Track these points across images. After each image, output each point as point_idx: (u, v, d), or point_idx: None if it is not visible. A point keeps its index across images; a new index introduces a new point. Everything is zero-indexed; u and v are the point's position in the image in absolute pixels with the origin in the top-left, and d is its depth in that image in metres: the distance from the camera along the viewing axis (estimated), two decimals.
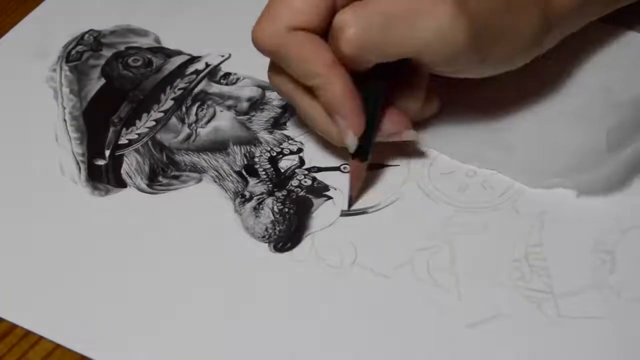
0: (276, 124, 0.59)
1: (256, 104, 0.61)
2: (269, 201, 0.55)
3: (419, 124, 0.56)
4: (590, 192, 0.53)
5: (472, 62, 0.51)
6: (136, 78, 0.63)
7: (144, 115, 0.61)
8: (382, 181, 0.56)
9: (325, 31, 0.52)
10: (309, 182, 0.56)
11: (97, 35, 0.66)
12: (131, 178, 0.57)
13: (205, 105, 0.61)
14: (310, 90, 0.53)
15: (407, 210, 0.54)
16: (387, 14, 0.49)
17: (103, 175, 0.58)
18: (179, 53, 0.64)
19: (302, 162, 0.57)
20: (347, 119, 0.52)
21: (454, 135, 0.56)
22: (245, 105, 0.61)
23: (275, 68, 0.54)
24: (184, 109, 0.61)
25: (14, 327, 0.51)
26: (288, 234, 0.54)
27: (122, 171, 0.58)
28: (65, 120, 0.61)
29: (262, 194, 0.56)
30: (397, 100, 0.54)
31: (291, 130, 0.59)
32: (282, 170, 0.57)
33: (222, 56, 0.64)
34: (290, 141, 0.58)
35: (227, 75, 0.63)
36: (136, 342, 0.50)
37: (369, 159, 0.54)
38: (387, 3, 0.50)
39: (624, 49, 0.60)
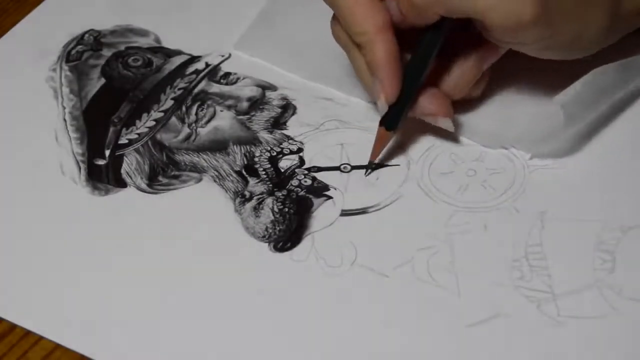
0: (276, 123, 0.59)
1: (256, 104, 0.61)
2: (269, 201, 0.55)
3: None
4: (542, 156, 0.55)
5: (538, 35, 0.51)
6: (136, 78, 0.63)
7: (144, 115, 0.61)
8: (382, 181, 0.56)
9: None
10: (309, 181, 0.56)
11: (97, 35, 0.66)
12: (131, 178, 0.57)
13: (205, 105, 0.61)
14: (357, 45, 0.54)
15: (407, 210, 0.54)
16: None
17: (103, 175, 0.58)
18: (179, 53, 0.64)
19: (302, 161, 0.57)
20: (383, 83, 0.53)
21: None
22: (245, 105, 0.61)
23: (335, 19, 0.55)
24: (184, 108, 0.61)
25: (14, 327, 0.51)
26: (288, 233, 0.54)
27: (122, 171, 0.58)
28: (65, 120, 0.61)
29: (262, 193, 0.56)
30: (446, 76, 0.55)
31: (291, 130, 0.59)
32: (282, 170, 0.57)
33: (222, 56, 0.64)
34: (290, 141, 0.58)
35: (227, 75, 0.63)
36: (136, 342, 0.50)
37: (397, 129, 0.55)
38: None
39: None
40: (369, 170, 0.56)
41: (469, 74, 0.55)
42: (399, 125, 0.55)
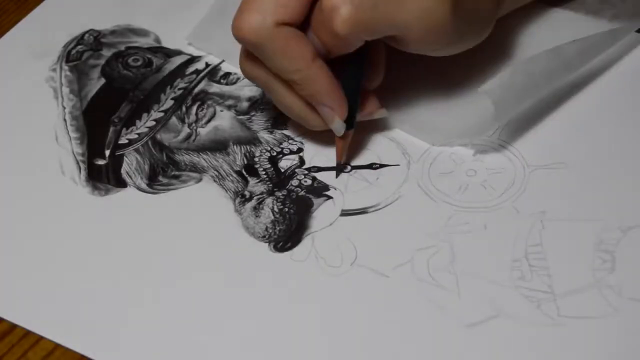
0: (276, 123, 0.59)
1: (256, 104, 0.61)
2: (269, 201, 0.55)
3: None
4: (483, 152, 0.56)
5: (451, 39, 0.53)
6: (136, 78, 0.63)
7: (144, 115, 0.61)
8: (382, 181, 0.56)
9: (303, 24, 0.52)
10: (309, 181, 0.56)
11: (97, 35, 0.66)
12: (131, 178, 0.57)
13: (205, 105, 0.61)
14: (288, 82, 0.53)
15: (407, 210, 0.54)
16: None
17: (103, 175, 0.58)
18: (179, 53, 0.64)
19: (302, 161, 0.57)
20: (334, 108, 0.54)
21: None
22: (245, 105, 0.61)
23: (252, 58, 0.54)
24: (184, 108, 0.61)
25: (14, 327, 0.51)
26: (288, 233, 0.54)
27: (122, 171, 0.58)
28: (65, 120, 0.61)
29: (262, 193, 0.56)
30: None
31: (291, 130, 0.59)
32: (282, 170, 0.57)
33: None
34: (290, 141, 0.58)
35: (227, 75, 0.63)
36: (136, 342, 0.50)
37: (354, 128, 0.56)
38: None
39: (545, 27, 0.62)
40: (340, 173, 0.56)
41: (381, 70, 0.56)
42: (356, 124, 0.56)
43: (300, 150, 0.58)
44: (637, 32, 0.61)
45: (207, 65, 0.63)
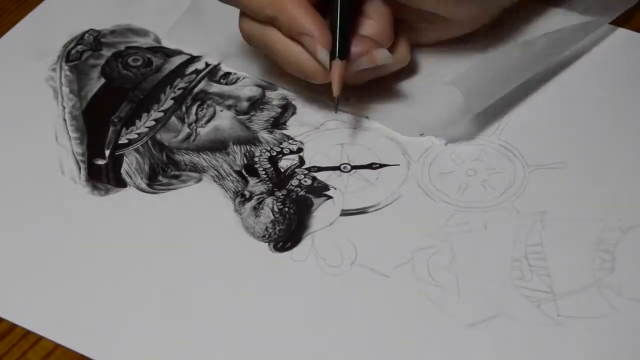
0: (276, 123, 0.59)
1: (256, 104, 0.61)
2: (269, 201, 0.55)
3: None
4: (455, 141, 0.57)
5: (472, 13, 0.54)
6: (136, 78, 0.63)
7: (144, 114, 0.61)
8: (382, 181, 0.56)
9: None
10: (309, 181, 0.56)
11: (97, 34, 0.66)
12: (131, 178, 0.57)
13: (205, 105, 0.61)
14: (276, 28, 0.54)
15: (407, 210, 0.54)
16: None
17: (103, 174, 0.58)
18: (178, 53, 0.64)
19: (302, 161, 0.57)
20: (315, 35, 0.53)
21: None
22: (245, 104, 0.61)
23: (245, 18, 0.55)
24: (184, 108, 0.61)
25: (14, 327, 0.51)
26: (288, 233, 0.54)
27: (122, 171, 0.58)
28: (65, 119, 0.60)
29: (262, 193, 0.56)
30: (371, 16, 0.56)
31: (291, 130, 0.59)
32: (282, 170, 0.57)
33: (222, 55, 0.64)
34: (290, 141, 0.58)
35: (227, 74, 0.63)
36: (136, 342, 0.50)
37: (347, 58, 0.54)
38: None
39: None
40: (337, 108, 0.56)
41: (388, 17, 0.56)
42: (348, 52, 0.55)
43: (300, 150, 0.58)
44: (611, 24, 0.62)
45: (207, 65, 0.63)
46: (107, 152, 0.59)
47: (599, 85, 0.59)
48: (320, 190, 0.56)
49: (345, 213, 0.54)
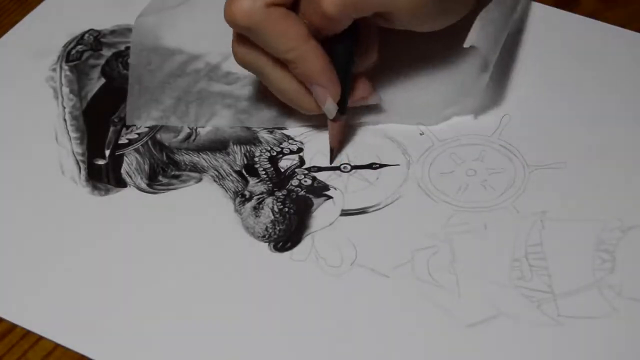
0: (276, 123, 0.59)
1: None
2: (269, 201, 0.55)
3: None
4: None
5: (435, 14, 0.54)
6: None
7: None
8: (382, 181, 0.56)
9: (294, 5, 0.53)
10: (309, 181, 0.56)
11: (97, 34, 0.66)
12: (131, 178, 0.57)
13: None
14: (281, 63, 0.54)
15: (407, 210, 0.54)
16: None
17: (103, 174, 0.58)
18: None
19: (302, 161, 0.57)
20: (327, 87, 0.54)
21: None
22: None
23: (244, 42, 0.54)
24: None
25: (14, 327, 0.51)
26: (288, 233, 0.54)
27: (122, 171, 0.58)
28: (65, 119, 0.61)
29: (262, 193, 0.56)
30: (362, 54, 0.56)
31: (291, 130, 0.59)
32: (282, 170, 0.57)
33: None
34: (290, 141, 0.58)
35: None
36: (136, 342, 0.50)
37: (346, 114, 0.56)
38: None
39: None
40: (334, 158, 0.57)
41: (373, 50, 0.57)
42: (346, 110, 0.56)
43: (300, 150, 0.58)
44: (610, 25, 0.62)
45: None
46: (107, 152, 0.59)
47: (599, 85, 0.59)
48: (320, 190, 0.56)
49: (345, 213, 0.54)
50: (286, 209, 0.55)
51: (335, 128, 0.56)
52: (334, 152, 0.57)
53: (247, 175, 0.57)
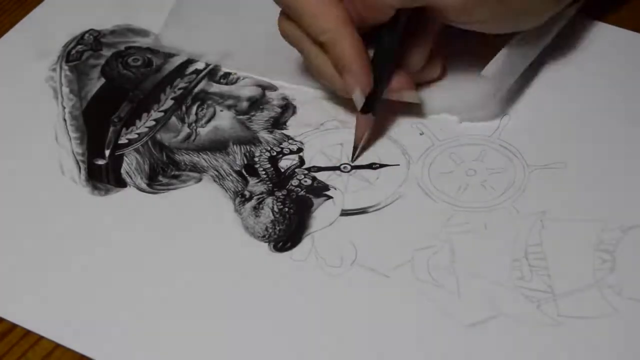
0: (276, 123, 0.59)
1: (256, 104, 0.61)
2: (269, 201, 0.55)
3: None
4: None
5: (498, 12, 0.53)
6: (136, 78, 0.63)
7: (144, 114, 0.61)
8: (382, 181, 0.56)
9: None
10: (309, 181, 0.56)
11: (97, 35, 0.66)
12: (131, 178, 0.57)
13: (205, 105, 0.61)
14: (318, 43, 0.54)
15: (407, 210, 0.54)
16: None
17: (103, 174, 0.58)
18: (179, 52, 0.64)
19: (302, 161, 0.57)
20: (356, 76, 0.54)
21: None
22: (245, 104, 0.61)
23: (288, 18, 0.55)
24: (184, 108, 0.61)
25: (14, 327, 0.51)
26: (288, 233, 0.54)
27: (122, 171, 0.58)
28: (65, 119, 0.61)
29: (262, 193, 0.56)
30: (403, 56, 0.56)
31: (291, 130, 0.59)
32: (282, 170, 0.57)
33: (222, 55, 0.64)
34: (290, 141, 0.58)
35: (227, 74, 0.63)
36: (136, 342, 0.50)
37: (376, 114, 0.55)
38: None
39: None
40: (356, 156, 0.57)
41: (423, 50, 0.56)
42: (377, 109, 0.56)
43: (300, 150, 0.58)
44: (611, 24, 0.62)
45: (207, 65, 0.63)
46: (107, 152, 0.59)
47: (599, 85, 0.59)
48: (320, 190, 0.56)
49: (345, 213, 0.54)
50: (286, 209, 0.55)
51: (361, 124, 0.56)
52: (356, 150, 0.57)
53: (247, 175, 0.57)
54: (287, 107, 0.60)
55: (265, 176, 0.57)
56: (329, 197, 0.55)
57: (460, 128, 0.58)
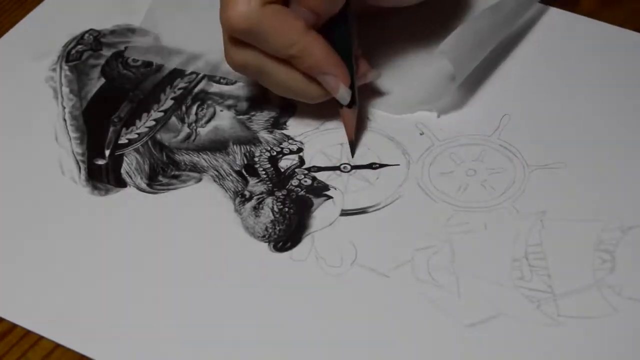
0: (276, 123, 0.59)
1: (256, 104, 0.61)
2: (269, 201, 0.55)
3: None
4: (445, 111, 0.58)
5: None
6: (136, 78, 0.63)
7: (144, 114, 0.61)
8: (382, 181, 0.56)
9: (285, 1, 0.53)
10: (309, 181, 0.56)
11: (97, 34, 0.66)
12: (131, 178, 0.57)
13: (205, 105, 0.61)
14: (282, 60, 0.54)
15: (407, 210, 0.54)
16: None
17: (103, 174, 0.58)
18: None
19: (302, 161, 0.57)
20: (337, 74, 0.54)
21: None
22: (245, 104, 0.61)
23: (240, 45, 0.54)
24: (183, 108, 0.61)
25: (14, 327, 0.51)
26: (288, 233, 0.54)
27: (122, 171, 0.58)
28: (65, 119, 0.61)
29: (262, 193, 0.56)
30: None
31: (291, 130, 0.59)
32: (282, 170, 0.57)
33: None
34: (290, 141, 0.58)
35: (227, 74, 0.62)
36: (136, 342, 0.50)
37: (358, 102, 0.56)
38: None
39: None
40: (355, 150, 0.57)
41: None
42: (358, 99, 0.57)
43: (300, 150, 0.58)
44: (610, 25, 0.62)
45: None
46: (107, 152, 0.59)
47: (599, 85, 0.59)
48: (320, 190, 0.56)
49: (345, 213, 0.54)
50: (286, 209, 0.55)
51: (350, 118, 0.56)
52: (353, 145, 0.57)
53: (247, 175, 0.57)
54: (287, 107, 0.60)
55: (265, 176, 0.57)
56: (329, 197, 0.55)
57: (460, 127, 0.58)
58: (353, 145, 0.57)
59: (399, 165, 0.56)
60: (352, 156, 0.57)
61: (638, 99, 0.59)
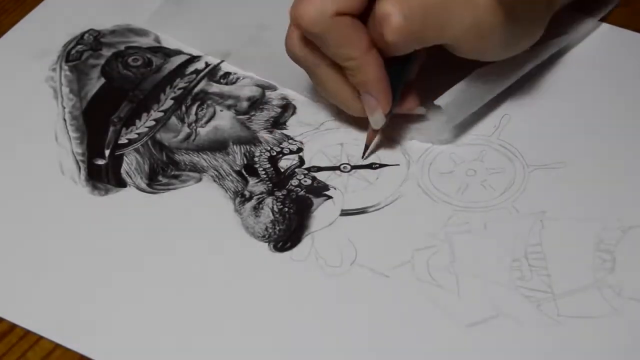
0: (276, 123, 0.59)
1: (256, 104, 0.61)
2: (269, 201, 0.55)
3: None
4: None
5: (503, 45, 0.54)
6: (136, 78, 0.63)
7: (144, 114, 0.61)
8: (382, 181, 0.56)
9: (362, 13, 0.53)
10: (309, 181, 0.56)
11: (97, 34, 0.66)
12: (131, 177, 0.57)
13: (205, 105, 0.61)
14: (337, 66, 0.54)
15: (407, 210, 0.54)
16: (426, 5, 0.51)
17: (103, 174, 0.58)
18: (178, 53, 0.64)
19: (301, 161, 0.57)
20: (378, 99, 0.54)
21: None
22: (245, 104, 0.61)
23: (305, 41, 0.54)
24: (183, 108, 0.61)
25: (13, 327, 0.51)
26: (288, 233, 0.54)
27: (122, 171, 0.58)
28: (65, 119, 0.60)
29: (262, 193, 0.56)
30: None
31: (291, 129, 0.59)
32: (282, 170, 0.57)
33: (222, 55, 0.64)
34: (290, 141, 0.58)
35: (227, 74, 0.63)
36: (136, 342, 0.50)
37: (387, 121, 0.56)
38: None
39: None
40: (367, 155, 0.57)
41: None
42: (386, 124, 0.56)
43: (300, 150, 0.58)
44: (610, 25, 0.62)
45: (207, 65, 0.63)
46: (107, 152, 0.59)
47: (599, 85, 0.59)
48: (320, 190, 0.56)
49: (345, 213, 0.54)
50: (286, 209, 0.55)
51: (371, 138, 0.57)
52: (367, 149, 0.57)
53: (247, 175, 0.57)
54: (287, 107, 0.60)
55: (265, 176, 0.57)
56: (329, 197, 0.55)
57: (460, 127, 0.58)
58: (366, 149, 0.57)
59: (398, 165, 0.56)
60: (363, 158, 0.57)
61: (638, 99, 0.59)
